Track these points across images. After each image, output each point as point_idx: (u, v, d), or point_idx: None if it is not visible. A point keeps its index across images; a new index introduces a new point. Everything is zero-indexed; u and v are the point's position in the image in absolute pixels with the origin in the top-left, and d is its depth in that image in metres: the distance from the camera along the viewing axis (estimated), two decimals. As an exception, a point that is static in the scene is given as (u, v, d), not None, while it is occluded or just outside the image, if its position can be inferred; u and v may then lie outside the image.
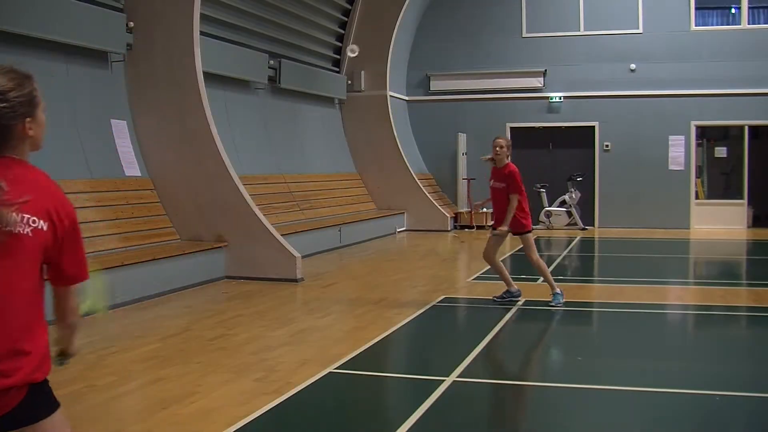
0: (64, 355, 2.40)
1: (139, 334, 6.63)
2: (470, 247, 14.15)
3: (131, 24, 9.35)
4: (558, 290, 7.65)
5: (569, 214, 16.72)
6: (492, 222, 8.11)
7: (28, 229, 2.06)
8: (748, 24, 16.22)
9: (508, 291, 7.90)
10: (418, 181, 16.51)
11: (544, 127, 17.43)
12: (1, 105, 2.07)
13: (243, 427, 4.18)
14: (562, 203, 16.78)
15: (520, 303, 7.79)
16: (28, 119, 2.14)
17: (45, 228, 2.09)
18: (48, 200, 2.12)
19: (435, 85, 18.05)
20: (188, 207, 9.68)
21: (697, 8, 16.40)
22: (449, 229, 16.48)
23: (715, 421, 4.37)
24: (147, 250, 8.67)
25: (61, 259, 2.16)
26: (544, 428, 4.38)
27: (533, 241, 7.72)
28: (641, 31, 16.68)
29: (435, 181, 18.14)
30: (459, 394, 4.90)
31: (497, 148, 7.64)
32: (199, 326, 6.93)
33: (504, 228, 7.59)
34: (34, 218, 2.07)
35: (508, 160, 7.69)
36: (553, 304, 7.59)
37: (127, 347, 6.08)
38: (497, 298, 7.92)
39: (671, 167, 16.58)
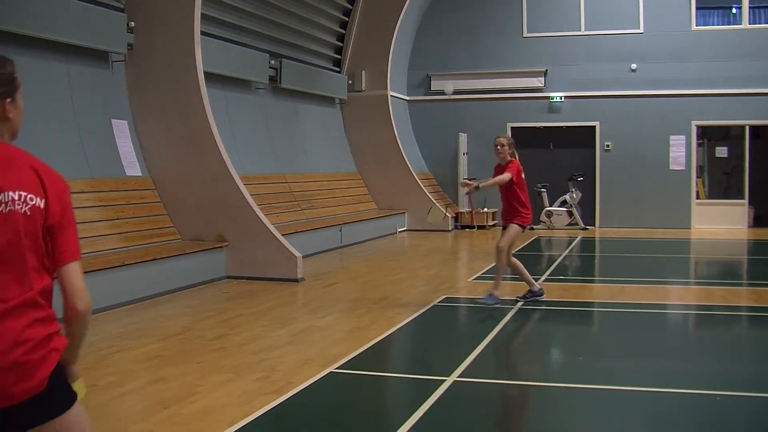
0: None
1: (140, 334, 6.63)
2: (470, 247, 14.15)
3: (132, 24, 9.36)
4: (497, 292, 7.62)
5: (570, 213, 16.72)
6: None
7: (25, 208, 2.04)
8: (749, 24, 16.22)
9: (530, 291, 7.87)
10: (419, 180, 16.51)
11: (544, 127, 17.43)
12: None
13: (244, 427, 4.18)
14: (563, 203, 16.78)
15: (520, 303, 7.79)
16: (8, 99, 2.11)
17: (42, 205, 2.06)
18: (42, 178, 2.10)
19: (436, 84, 18.05)
20: (189, 207, 9.68)
21: (697, 8, 16.41)
22: (450, 229, 16.48)
23: (716, 421, 4.37)
24: (148, 250, 8.67)
25: (60, 237, 2.11)
26: (545, 428, 4.38)
27: (514, 237, 7.65)
28: (642, 31, 16.68)
29: (436, 180, 18.14)
30: (460, 394, 4.90)
31: (498, 147, 7.73)
32: (200, 326, 6.93)
33: (474, 183, 7.67)
34: (31, 195, 2.05)
35: (511, 158, 7.68)
36: (483, 300, 7.61)
37: (127, 347, 6.09)
38: (520, 299, 7.91)
39: (672, 167, 16.58)
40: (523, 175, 7.70)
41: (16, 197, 2.03)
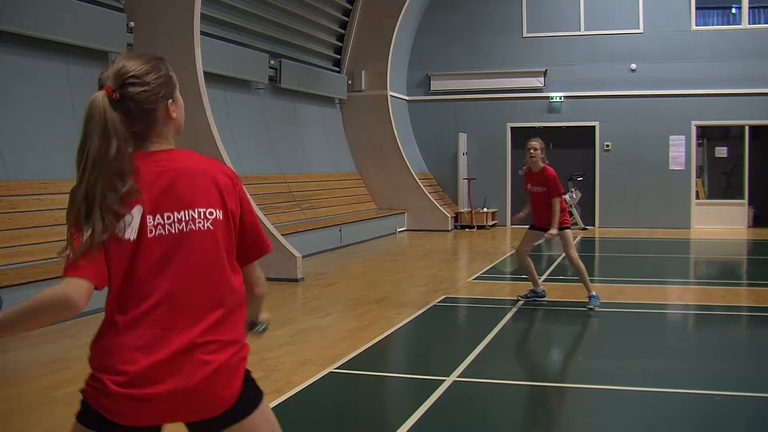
0: (254, 325, 2.39)
1: (140, 333, 6.61)
2: (470, 247, 14.16)
3: (132, 24, 9.36)
4: (594, 293, 7.44)
5: (570, 213, 16.70)
6: (530, 223, 7.80)
7: (207, 223, 1.98)
8: (749, 24, 16.23)
9: (533, 290, 7.82)
10: (418, 180, 16.51)
11: (544, 127, 17.40)
12: (141, 89, 1.96)
13: (243, 427, 4.17)
14: (563, 203, 16.76)
15: (520, 303, 7.78)
16: (170, 101, 2.04)
17: (221, 216, 2.01)
18: (216, 186, 2.03)
19: (435, 85, 18.05)
20: (189, 207, 9.67)
21: (697, 8, 16.41)
22: (449, 229, 16.47)
23: (715, 421, 4.37)
24: (147, 250, 8.64)
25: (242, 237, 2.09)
26: (544, 428, 4.38)
27: (572, 238, 7.58)
28: (642, 31, 16.69)
29: (435, 180, 18.14)
30: (459, 394, 4.90)
31: (531, 150, 7.44)
32: (200, 326, 6.92)
33: (554, 231, 7.26)
34: (211, 210, 1.99)
35: (544, 163, 7.50)
36: (591, 306, 7.38)
37: (127, 347, 6.07)
38: (522, 296, 7.87)
39: (672, 167, 16.59)
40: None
41: (197, 215, 1.98)
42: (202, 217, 1.97)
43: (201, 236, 1.97)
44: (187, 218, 1.96)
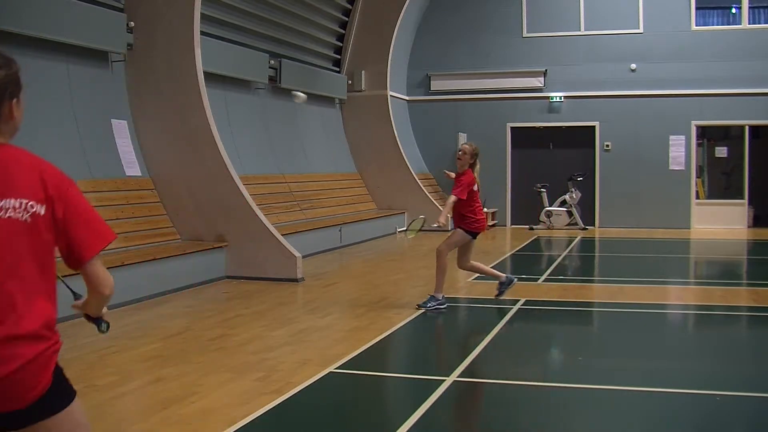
0: (98, 322, 2.32)
1: (140, 334, 6.63)
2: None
3: (132, 24, 9.36)
4: (440, 296, 7.54)
5: (570, 213, 16.72)
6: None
7: (26, 215, 1.97)
8: (749, 24, 16.23)
9: (500, 282, 7.87)
10: (418, 180, 16.51)
11: (544, 126, 17.43)
12: None
13: (243, 427, 4.18)
14: (563, 203, 16.78)
15: (520, 303, 7.78)
16: (14, 100, 2.09)
17: (42, 212, 2.00)
18: (44, 181, 2.03)
19: (435, 84, 18.05)
20: (189, 207, 9.68)
21: (697, 8, 16.41)
22: (449, 228, 16.45)
23: (715, 421, 4.37)
24: (147, 250, 8.67)
25: (72, 236, 2.05)
26: (544, 428, 4.37)
27: (458, 242, 7.60)
28: (642, 31, 16.69)
29: (435, 180, 18.14)
30: (459, 394, 4.90)
31: (459, 153, 7.73)
32: (200, 326, 6.93)
33: (441, 220, 7.45)
34: (32, 203, 1.98)
35: (468, 168, 7.59)
36: (428, 305, 7.50)
37: (127, 347, 6.09)
38: (498, 295, 7.91)
39: (672, 167, 16.59)
40: (475, 187, 7.55)
41: (17, 205, 1.96)
42: (21, 208, 1.96)
43: (15, 226, 1.95)
44: (4, 206, 1.95)
